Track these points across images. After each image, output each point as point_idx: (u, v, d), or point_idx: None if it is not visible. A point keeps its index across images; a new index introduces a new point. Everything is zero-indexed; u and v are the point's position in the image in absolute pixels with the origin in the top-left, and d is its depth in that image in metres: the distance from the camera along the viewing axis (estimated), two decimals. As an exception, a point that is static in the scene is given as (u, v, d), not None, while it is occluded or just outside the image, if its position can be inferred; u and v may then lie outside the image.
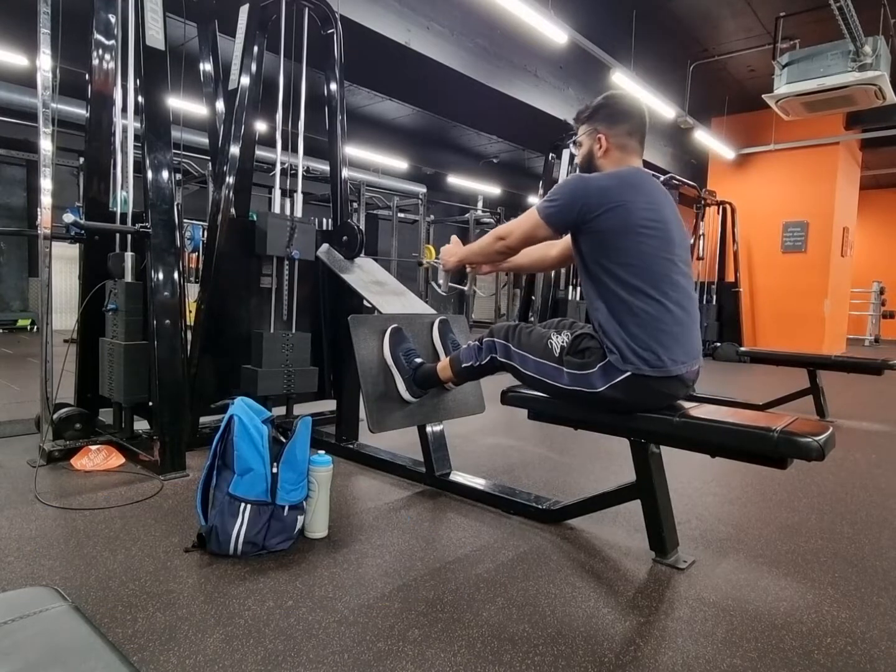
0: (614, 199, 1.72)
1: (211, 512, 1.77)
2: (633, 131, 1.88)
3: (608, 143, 1.87)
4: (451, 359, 2.18)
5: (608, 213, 1.71)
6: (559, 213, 1.78)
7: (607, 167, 1.87)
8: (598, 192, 1.73)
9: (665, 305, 1.71)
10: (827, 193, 8.52)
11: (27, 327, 8.82)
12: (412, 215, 12.44)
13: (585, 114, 1.94)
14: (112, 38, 2.74)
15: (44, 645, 0.66)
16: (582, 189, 1.76)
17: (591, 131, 1.91)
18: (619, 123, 1.87)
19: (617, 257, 1.72)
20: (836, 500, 2.50)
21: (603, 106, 1.91)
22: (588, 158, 1.93)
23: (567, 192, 1.78)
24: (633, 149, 1.89)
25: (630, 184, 1.77)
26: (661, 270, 1.73)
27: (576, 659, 1.35)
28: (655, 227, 1.73)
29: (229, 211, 2.88)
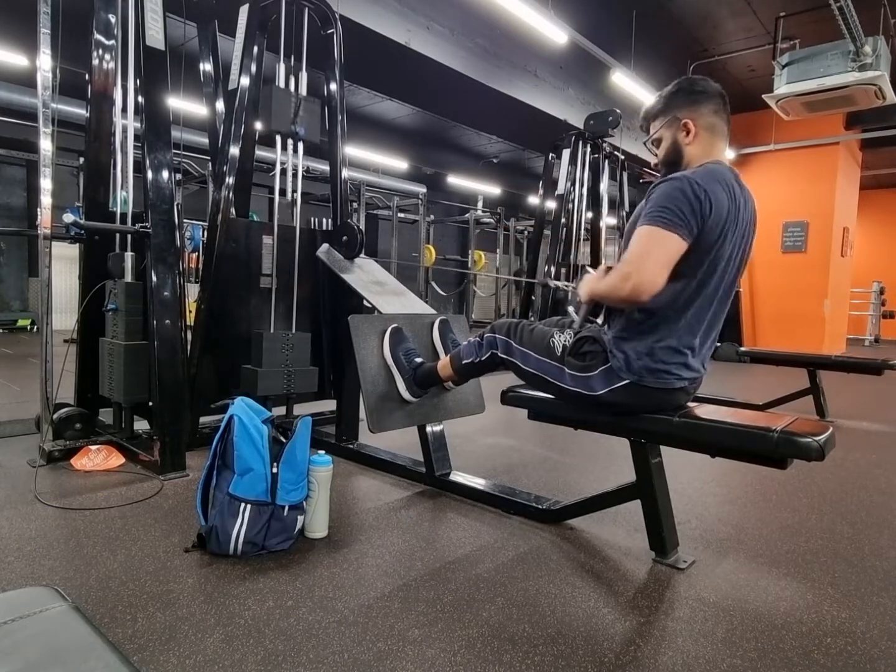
0: (719, 225, 1.57)
1: (211, 512, 1.77)
2: (717, 109, 1.72)
3: (696, 127, 1.70)
4: (452, 356, 2.18)
5: (704, 233, 1.56)
6: (684, 216, 1.53)
7: (697, 155, 1.71)
8: (712, 202, 1.55)
9: (692, 330, 1.66)
10: (827, 193, 8.51)
11: (27, 327, 8.82)
12: (412, 215, 12.44)
13: (659, 105, 1.77)
14: (112, 38, 2.74)
15: (44, 645, 0.66)
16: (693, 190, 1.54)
17: (672, 120, 1.73)
18: (702, 103, 1.71)
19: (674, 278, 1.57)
20: (836, 500, 2.50)
21: (679, 90, 1.74)
22: (674, 150, 1.74)
23: (679, 194, 1.55)
24: (721, 129, 1.73)
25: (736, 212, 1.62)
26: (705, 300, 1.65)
27: (576, 659, 1.34)
28: (725, 260, 1.62)
29: (229, 211, 2.88)
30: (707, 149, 1.72)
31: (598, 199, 6.52)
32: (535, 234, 6.84)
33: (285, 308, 3.02)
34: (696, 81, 1.75)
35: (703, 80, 1.75)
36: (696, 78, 1.77)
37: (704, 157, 1.71)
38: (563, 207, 6.18)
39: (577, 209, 6.28)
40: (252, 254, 2.96)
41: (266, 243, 2.98)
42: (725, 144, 1.75)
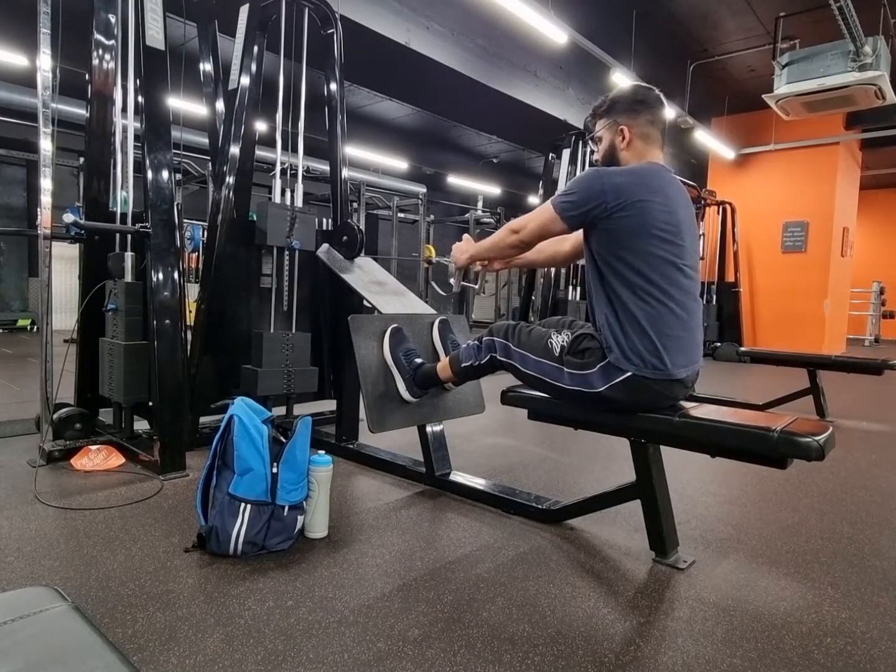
0: (631, 197, 1.69)
1: (211, 512, 1.77)
2: (654, 120, 1.85)
3: (630, 135, 1.83)
4: (451, 358, 2.18)
5: (624, 211, 1.68)
6: (575, 208, 1.74)
7: (630, 160, 1.84)
8: (616, 189, 1.70)
9: (671, 309, 1.71)
10: (827, 193, 8.51)
11: (27, 327, 8.82)
12: (412, 215, 12.44)
13: (603, 107, 1.90)
14: (112, 38, 2.74)
15: (44, 645, 0.66)
16: (599, 184, 1.72)
17: (611, 124, 1.86)
18: (640, 113, 1.83)
19: (627, 257, 1.70)
20: (836, 500, 2.50)
21: (621, 97, 1.87)
22: (610, 152, 1.89)
23: (584, 186, 1.74)
24: (656, 139, 1.85)
25: (649, 183, 1.74)
26: (670, 274, 1.71)
27: (576, 659, 1.35)
28: (669, 230, 1.71)
29: (229, 211, 2.88)
30: (640, 154, 1.85)
31: (598, 199, 6.50)
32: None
33: (285, 308, 3.02)
34: (639, 91, 1.89)
35: (646, 90, 1.89)
36: (639, 87, 1.92)
37: (636, 162, 1.84)
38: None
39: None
40: (252, 254, 2.96)
41: (266, 243, 2.98)
42: (659, 151, 1.88)
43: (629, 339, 1.70)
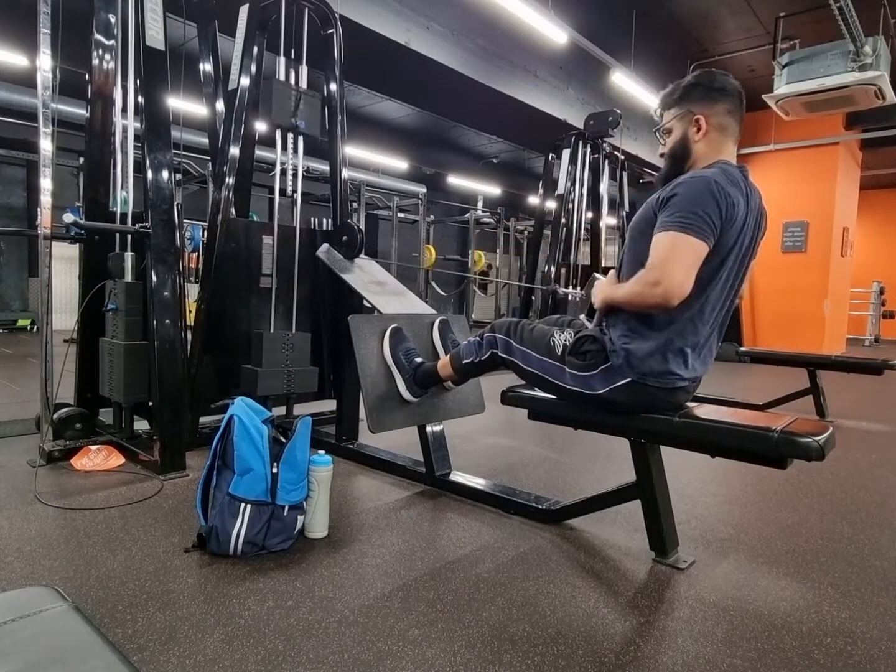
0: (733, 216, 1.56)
1: (211, 512, 1.77)
2: (732, 110, 1.70)
3: (707, 125, 1.68)
4: (452, 356, 2.18)
5: (723, 236, 1.56)
6: (714, 226, 1.54)
7: (704, 154, 1.70)
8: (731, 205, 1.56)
9: (698, 330, 1.66)
10: (827, 193, 8.51)
11: (27, 327, 8.82)
12: (412, 215, 12.44)
13: (675, 95, 1.74)
14: (112, 38, 2.73)
15: (44, 645, 0.66)
16: (720, 196, 1.54)
17: (685, 114, 1.71)
18: (718, 101, 1.69)
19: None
20: (836, 500, 2.50)
21: (697, 84, 1.71)
22: (682, 144, 1.72)
23: (707, 199, 1.54)
24: (733, 131, 1.71)
25: (747, 215, 1.61)
26: (713, 297, 1.64)
27: (576, 659, 1.34)
28: (728, 249, 1.61)
29: (229, 211, 2.88)
30: (715, 148, 1.70)
31: (598, 199, 6.52)
32: (535, 234, 6.84)
33: (285, 308, 3.02)
34: (716, 78, 1.71)
35: (724, 77, 1.72)
36: (716, 73, 1.73)
37: (711, 157, 1.70)
38: (564, 208, 6.18)
39: (578, 209, 6.28)
40: (252, 254, 2.96)
41: (266, 243, 2.98)
42: (735, 145, 1.74)
43: (640, 347, 1.66)
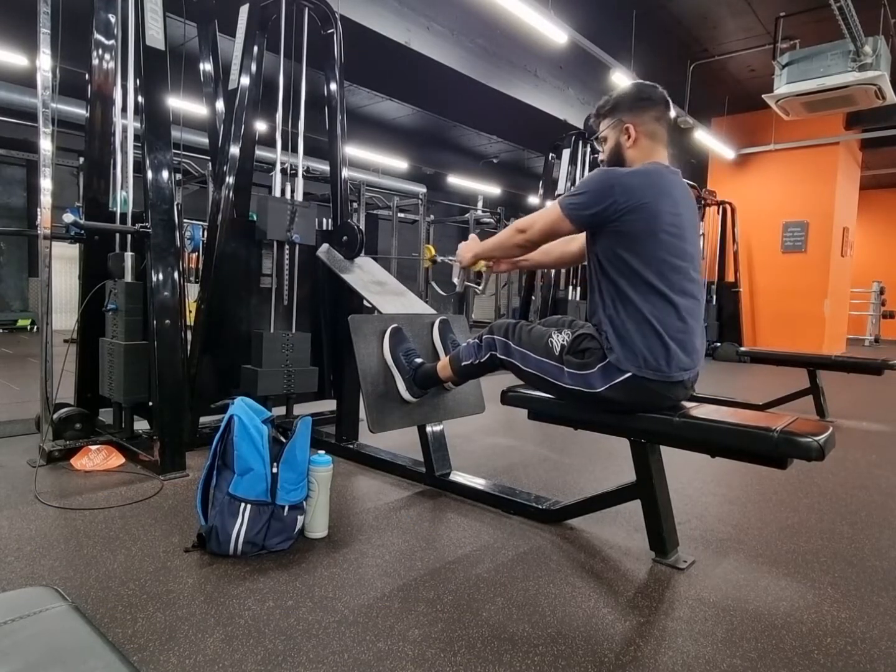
0: (641, 199, 1.67)
1: (211, 512, 1.77)
2: (659, 117, 1.83)
3: (637, 132, 1.81)
4: (451, 357, 2.18)
5: (633, 213, 1.67)
6: (584, 208, 1.72)
7: (637, 158, 1.82)
8: (625, 191, 1.68)
9: (674, 311, 1.70)
10: (827, 193, 8.51)
11: (27, 327, 8.82)
12: (412, 215, 12.44)
13: (607, 107, 1.88)
14: (112, 38, 2.74)
15: (44, 645, 0.66)
16: (608, 185, 1.70)
17: (616, 123, 1.85)
18: (646, 110, 1.82)
19: (633, 259, 1.69)
20: (836, 500, 2.50)
21: (625, 96, 1.86)
22: (616, 151, 1.87)
23: (593, 186, 1.72)
24: (662, 136, 1.84)
25: (657, 184, 1.72)
26: (673, 277, 1.70)
27: (576, 659, 1.35)
28: (675, 232, 1.70)
29: (229, 211, 2.88)
30: (647, 153, 1.83)
31: (598, 199, 6.50)
32: (535, 234, 6.82)
33: (285, 308, 3.02)
34: (644, 88, 1.87)
35: (650, 87, 1.86)
36: (643, 84, 1.90)
37: (643, 160, 1.82)
38: (563, 207, 6.16)
39: (577, 209, 6.26)
40: (252, 254, 2.96)
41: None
42: (666, 149, 1.86)
43: (631, 340, 1.70)
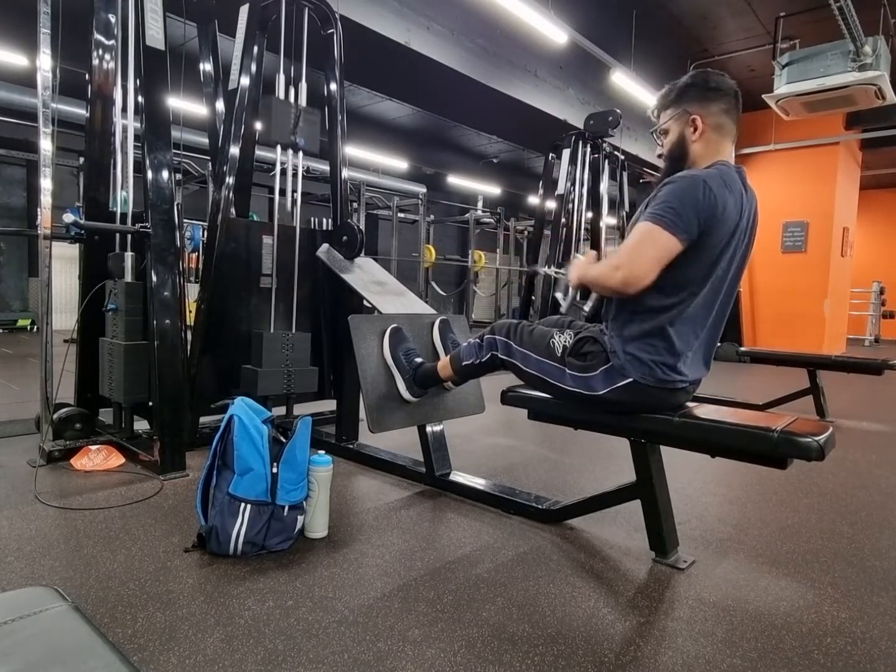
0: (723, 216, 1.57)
1: (211, 512, 1.77)
2: (728, 109, 1.70)
3: (704, 125, 1.69)
4: (452, 357, 2.18)
5: (710, 237, 1.57)
6: (691, 224, 1.54)
7: (702, 154, 1.70)
8: (721, 204, 1.56)
9: (696, 332, 1.67)
10: (827, 193, 8.51)
11: (27, 327, 8.82)
12: (412, 215, 12.44)
13: (671, 96, 1.75)
14: (112, 38, 2.74)
15: (44, 645, 0.66)
16: (708, 194, 1.55)
17: (681, 114, 1.71)
18: (714, 101, 1.69)
19: (675, 273, 1.59)
20: (836, 500, 2.50)
21: (692, 84, 1.72)
22: (679, 144, 1.73)
23: (691, 197, 1.55)
24: (730, 130, 1.71)
25: (732, 197, 1.60)
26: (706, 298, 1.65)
27: (576, 659, 1.34)
28: (721, 247, 1.61)
29: (229, 211, 2.88)
30: (713, 147, 1.71)
31: (598, 199, 6.51)
32: (535, 234, 6.84)
33: (285, 308, 3.01)
34: (712, 77, 1.72)
35: (719, 77, 1.73)
36: (712, 73, 1.74)
37: (709, 157, 1.71)
38: (563, 207, 6.18)
39: (577, 209, 6.28)
40: (252, 254, 2.96)
41: (266, 243, 2.98)
42: (732, 145, 1.75)
43: (640, 349, 1.67)
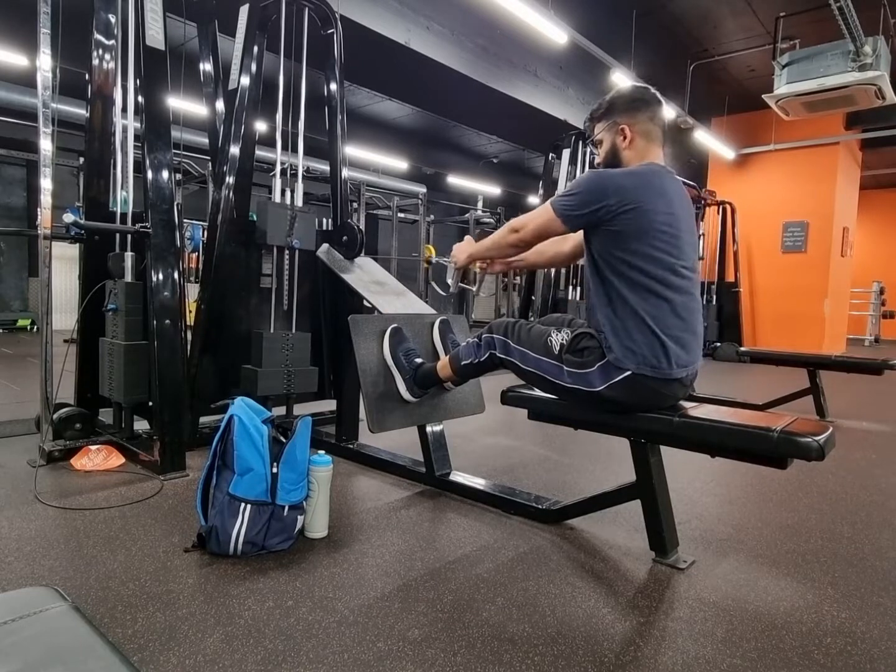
0: (633, 200, 1.69)
1: (211, 512, 1.77)
2: (653, 116, 1.86)
3: (632, 133, 1.84)
4: (451, 357, 2.18)
5: (626, 214, 1.69)
6: (576, 209, 1.74)
7: (633, 159, 1.85)
8: (618, 192, 1.70)
9: (671, 309, 1.72)
10: (827, 193, 8.51)
11: (27, 327, 8.82)
12: (412, 215, 12.44)
13: (601, 110, 1.91)
14: (112, 38, 2.74)
15: (44, 645, 0.66)
16: (601, 186, 1.72)
17: (611, 125, 1.87)
18: (640, 111, 1.85)
19: (629, 258, 1.71)
20: (836, 500, 2.50)
21: (618, 98, 1.89)
22: (612, 153, 1.89)
23: (586, 187, 1.75)
24: (657, 136, 1.86)
25: (650, 184, 1.74)
26: (669, 275, 1.72)
27: (576, 659, 1.35)
28: (670, 231, 1.72)
29: (229, 211, 2.88)
30: (642, 153, 1.85)
31: (598, 199, 6.50)
32: (535, 234, 6.82)
33: (285, 308, 3.02)
34: (636, 89, 1.92)
35: (643, 88, 1.92)
36: (636, 86, 1.96)
37: (639, 160, 1.85)
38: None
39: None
40: (252, 254, 2.96)
41: (266, 243, 2.98)
42: (660, 149, 1.89)
43: (630, 338, 1.71)
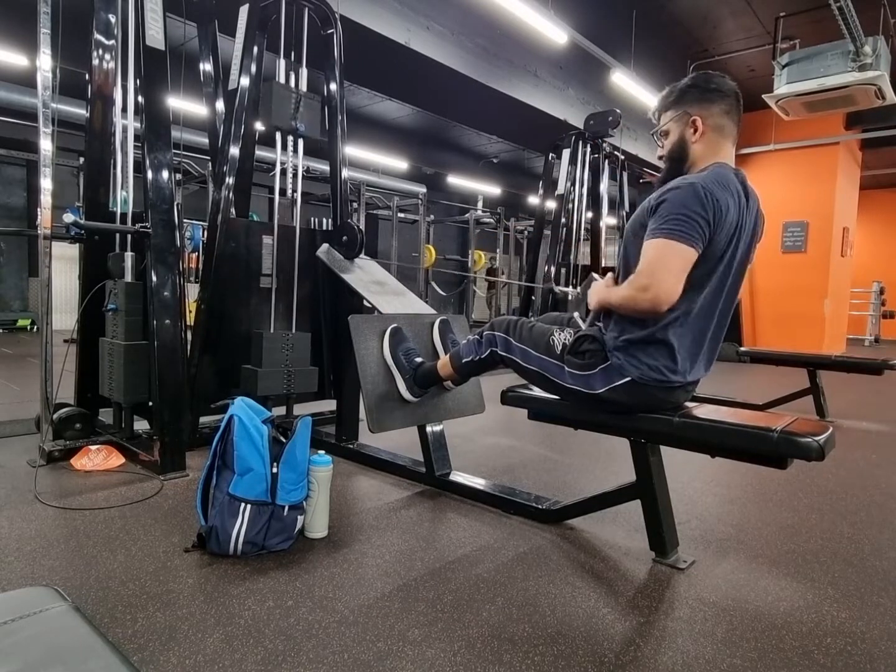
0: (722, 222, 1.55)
1: (211, 512, 1.77)
2: (729, 110, 1.70)
3: (704, 126, 1.69)
4: (451, 354, 2.18)
5: (714, 240, 1.56)
6: (704, 233, 1.54)
7: (702, 155, 1.70)
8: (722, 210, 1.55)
9: (697, 335, 1.66)
10: (827, 193, 8.51)
11: (27, 327, 8.82)
12: (412, 215, 12.44)
13: (671, 97, 1.75)
14: (112, 38, 2.74)
15: (44, 645, 0.66)
16: (709, 200, 1.53)
17: (681, 115, 1.71)
18: (715, 102, 1.69)
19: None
20: (836, 500, 2.50)
21: (693, 86, 1.72)
22: (680, 145, 1.73)
23: (696, 205, 1.54)
24: (730, 131, 1.71)
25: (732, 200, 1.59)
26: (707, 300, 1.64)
27: (576, 659, 1.34)
28: (721, 249, 1.60)
29: (229, 211, 2.88)
30: (713, 149, 1.71)
31: (598, 199, 6.51)
32: (535, 234, 6.84)
33: (285, 308, 3.02)
34: (712, 79, 1.72)
35: (720, 78, 1.73)
36: (712, 74, 1.74)
37: (709, 158, 1.71)
38: (563, 207, 6.18)
39: (577, 209, 6.28)
40: (252, 254, 2.96)
41: (266, 243, 2.98)
42: (733, 146, 1.74)
43: (640, 351, 1.66)
